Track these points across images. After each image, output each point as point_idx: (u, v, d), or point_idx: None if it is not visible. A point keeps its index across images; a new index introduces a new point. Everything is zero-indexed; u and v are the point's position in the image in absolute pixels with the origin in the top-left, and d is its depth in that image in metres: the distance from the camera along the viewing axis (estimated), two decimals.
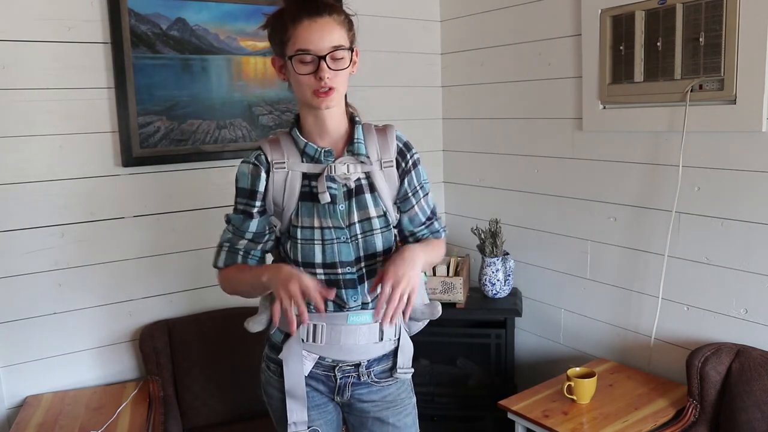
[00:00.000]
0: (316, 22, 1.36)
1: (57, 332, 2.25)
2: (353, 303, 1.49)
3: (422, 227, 1.58)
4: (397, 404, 1.58)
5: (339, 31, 1.39)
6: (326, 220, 1.45)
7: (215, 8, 2.40)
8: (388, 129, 1.52)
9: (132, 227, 2.35)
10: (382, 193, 1.50)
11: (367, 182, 1.49)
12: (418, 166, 1.55)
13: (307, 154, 1.46)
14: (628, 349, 2.40)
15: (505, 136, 2.79)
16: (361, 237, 1.47)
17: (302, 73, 1.38)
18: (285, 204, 1.47)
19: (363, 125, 1.51)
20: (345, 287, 1.47)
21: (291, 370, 1.50)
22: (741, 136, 1.98)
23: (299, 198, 1.46)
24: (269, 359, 1.58)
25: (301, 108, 1.48)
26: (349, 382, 1.55)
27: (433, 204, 1.61)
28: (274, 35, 1.43)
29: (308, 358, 1.51)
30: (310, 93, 1.39)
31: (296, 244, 1.46)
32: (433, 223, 1.60)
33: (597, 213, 2.45)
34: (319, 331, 1.49)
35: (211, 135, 2.45)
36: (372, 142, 1.49)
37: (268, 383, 1.59)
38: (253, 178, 1.47)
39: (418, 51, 3.00)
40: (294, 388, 1.50)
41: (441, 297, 2.56)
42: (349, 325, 1.49)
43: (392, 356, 1.58)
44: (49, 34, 2.14)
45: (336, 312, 1.49)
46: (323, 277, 1.46)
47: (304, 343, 1.50)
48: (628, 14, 2.20)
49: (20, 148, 2.13)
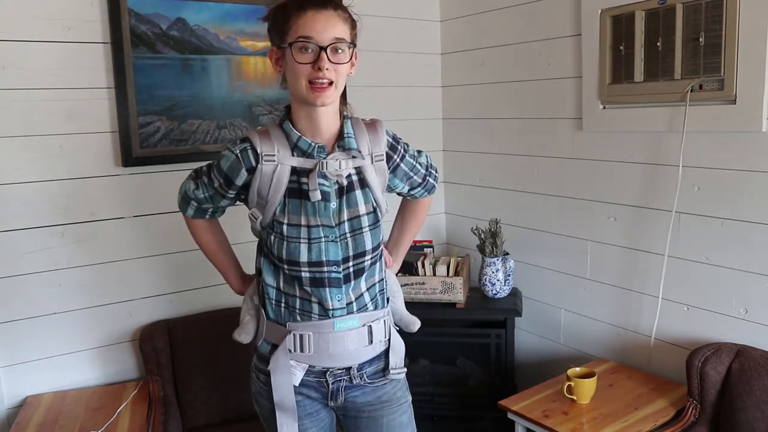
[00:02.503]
0: (320, 13, 1.35)
1: (57, 332, 2.25)
2: (337, 303, 1.46)
3: (419, 188, 1.65)
4: (392, 403, 1.57)
5: (342, 26, 1.37)
6: (315, 218, 1.42)
7: (215, 8, 2.40)
8: (378, 123, 1.52)
9: (132, 227, 2.35)
10: (374, 187, 1.49)
11: (358, 178, 1.47)
12: (407, 151, 1.58)
13: (299, 148, 1.42)
14: (628, 349, 2.40)
15: (505, 136, 2.79)
16: (350, 236, 1.45)
17: (301, 61, 1.34)
18: (270, 198, 1.43)
19: (351, 119, 1.49)
20: (330, 286, 1.45)
21: (279, 382, 1.48)
22: (741, 136, 1.98)
23: (286, 194, 1.43)
24: (258, 370, 1.56)
25: (294, 103, 1.44)
26: (341, 386, 1.53)
27: (427, 160, 1.66)
28: (274, 25, 1.41)
29: (298, 368, 1.49)
30: (305, 85, 1.35)
31: (281, 242, 1.43)
32: (428, 180, 1.66)
33: (597, 213, 2.45)
34: (306, 340, 1.47)
35: (211, 135, 2.45)
36: (362, 136, 1.48)
37: (259, 394, 1.57)
38: (234, 170, 1.45)
39: (418, 51, 3.00)
40: (283, 400, 1.49)
41: (441, 297, 2.56)
42: (336, 332, 1.47)
43: (384, 356, 1.56)
44: (49, 34, 2.14)
45: (322, 320, 1.46)
46: (308, 275, 1.44)
47: (291, 353, 1.48)
48: (628, 14, 2.20)
49: (20, 148, 2.13)
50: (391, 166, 1.54)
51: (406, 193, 1.66)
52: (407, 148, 1.59)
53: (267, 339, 1.52)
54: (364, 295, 1.50)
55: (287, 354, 1.48)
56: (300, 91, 1.37)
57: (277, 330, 1.50)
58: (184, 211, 1.61)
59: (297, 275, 1.45)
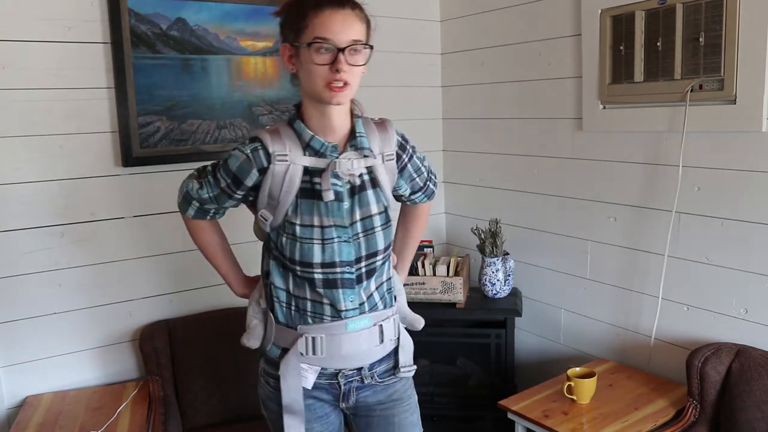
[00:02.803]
0: (338, 12, 1.32)
1: (57, 332, 2.25)
2: (350, 304, 1.44)
3: (420, 192, 1.65)
4: (403, 401, 1.57)
5: (359, 26, 1.35)
6: (328, 219, 1.40)
7: (215, 8, 2.40)
8: (387, 122, 1.51)
9: (132, 227, 2.35)
10: (384, 186, 1.48)
11: (369, 177, 1.46)
12: (415, 152, 1.59)
13: (311, 147, 1.39)
14: (628, 349, 2.40)
15: (505, 136, 2.79)
16: (362, 236, 1.44)
17: (318, 62, 1.31)
18: (281, 198, 1.40)
19: (362, 119, 1.47)
20: (343, 287, 1.44)
21: (288, 386, 1.46)
22: (741, 136, 1.98)
23: (298, 194, 1.40)
24: (268, 374, 1.53)
25: (306, 101, 1.41)
26: (353, 386, 1.52)
27: (428, 166, 1.66)
28: (288, 21, 1.37)
29: (310, 371, 1.47)
30: (322, 85, 1.32)
31: (294, 243, 1.41)
32: (429, 186, 1.67)
33: (597, 213, 2.45)
34: (318, 343, 1.45)
35: (211, 135, 2.45)
36: (373, 135, 1.46)
37: (268, 398, 1.54)
38: (244, 171, 1.41)
39: (418, 51, 3.00)
40: (291, 403, 1.46)
41: (441, 297, 2.56)
42: (349, 333, 1.45)
43: (393, 355, 1.56)
44: (49, 34, 2.14)
45: (334, 321, 1.45)
46: (320, 276, 1.42)
47: (303, 356, 1.46)
48: (628, 14, 2.20)
49: (20, 148, 2.13)
50: (399, 166, 1.53)
51: (407, 196, 1.65)
52: (414, 149, 1.59)
53: (276, 343, 1.50)
54: (374, 295, 1.49)
55: (298, 358, 1.45)
56: (316, 90, 1.34)
57: (287, 333, 1.47)
58: (185, 211, 1.56)
59: (309, 277, 1.43)
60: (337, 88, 1.32)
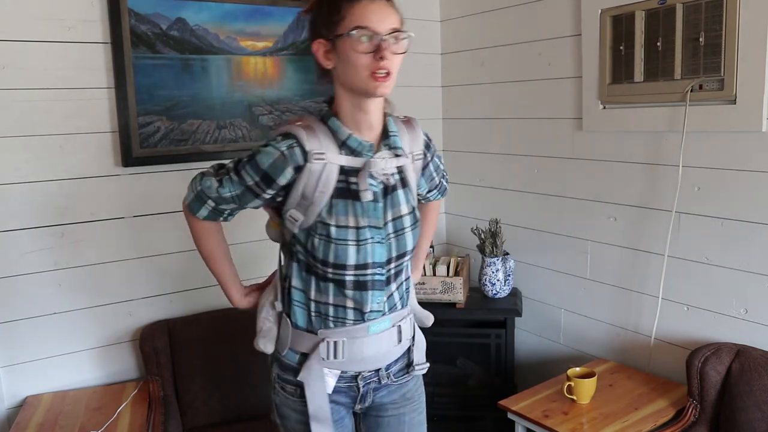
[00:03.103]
0: (374, 2, 1.29)
1: (57, 332, 2.25)
2: (375, 306, 1.41)
3: (435, 190, 1.67)
4: (414, 400, 1.56)
5: (396, 16, 1.32)
6: (363, 219, 1.36)
7: (215, 8, 2.40)
8: (414, 121, 1.49)
9: (132, 227, 2.35)
10: (412, 186, 1.47)
11: (399, 177, 1.44)
12: (435, 151, 1.60)
13: (347, 146, 1.35)
14: (628, 349, 2.40)
15: (505, 136, 2.79)
16: (393, 236, 1.41)
17: (361, 51, 1.27)
18: (315, 198, 1.35)
19: (392, 117, 1.43)
20: (372, 288, 1.40)
21: (314, 392, 1.41)
22: (741, 136, 1.98)
23: (333, 194, 1.36)
24: (284, 381, 1.48)
25: (343, 97, 1.35)
26: (371, 388, 1.50)
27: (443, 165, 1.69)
28: (320, 17, 1.33)
29: (330, 374, 1.44)
30: (366, 75, 1.28)
31: (328, 244, 1.35)
32: (442, 183, 1.69)
33: (597, 213, 2.45)
34: (340, 346, 1.42)
35: (211, 135, 2.45)
36: (403, 134, 1.44)
37: (284, 405, 1.49)
38: (278, 169, 1.34)
39: (418, 51, 2.99)
40: (318, 411, 1.42)
41: (441, 297, 2.56)
42: (370, 336, 1.43)
43: (407, 353, 1.55)
44: (49, 34, 2.14)
45: (357, 324, 1.42)
46: (352, 278, 1.38)
47: (324, 361, 1.42)
48: (628, 14, 2.20)
49: (20, 148, 2.13)
50: (424, 163, 1.53)
51: (424, 195, 1.65)
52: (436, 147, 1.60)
53: (294, 348, 1.45)
54: (393, 295, 1.47)
55: (321, 363, 1.42)
56: (359, 81, 1.29)
57: (306, 338, 1.44)
58: (195, 212, 1.47)
59: (340, 279, 1.39)
60: (381, 78, 1.28)
